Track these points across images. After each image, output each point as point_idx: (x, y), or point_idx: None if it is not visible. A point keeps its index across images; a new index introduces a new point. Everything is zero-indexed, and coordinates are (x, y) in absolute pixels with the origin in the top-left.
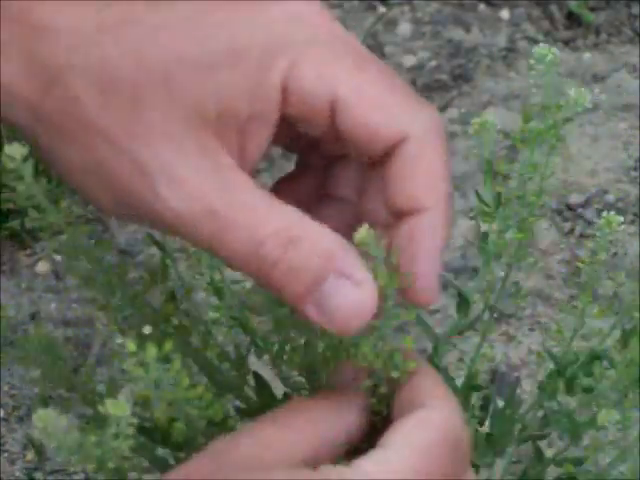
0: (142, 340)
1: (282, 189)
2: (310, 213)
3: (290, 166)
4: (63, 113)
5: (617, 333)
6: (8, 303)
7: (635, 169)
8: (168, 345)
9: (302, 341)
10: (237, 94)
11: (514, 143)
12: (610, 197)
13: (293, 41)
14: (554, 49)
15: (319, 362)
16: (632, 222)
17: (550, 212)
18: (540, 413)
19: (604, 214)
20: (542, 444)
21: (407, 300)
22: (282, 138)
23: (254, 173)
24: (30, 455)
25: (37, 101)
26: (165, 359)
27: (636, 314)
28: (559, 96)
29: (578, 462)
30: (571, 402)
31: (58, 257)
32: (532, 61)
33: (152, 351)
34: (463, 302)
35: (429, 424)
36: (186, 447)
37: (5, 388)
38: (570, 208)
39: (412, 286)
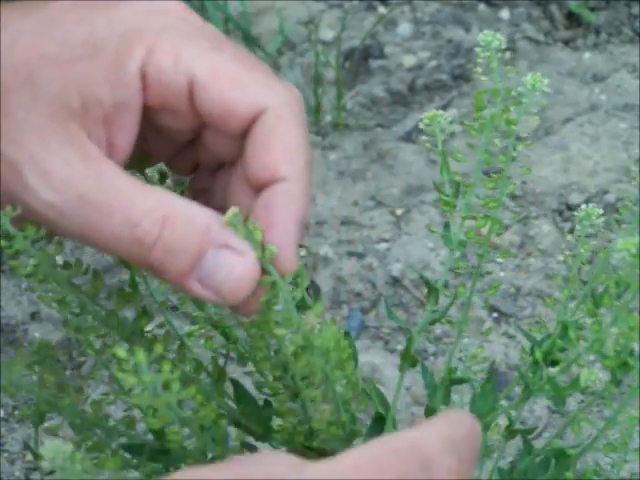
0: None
1: None
2: None
3: None
4: None
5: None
6: (8, 303)
7: (635, 169)
8: (158, 348)
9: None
10: (98, 84)
11: (470, 132)
12: (610, 197)
13: (149, 29)
14: (499, 35)
15: (290, 363)
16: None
17: (550, 212)
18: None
19: (583, 206)
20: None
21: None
22: (152, 148)
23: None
24: (30, 455)
25: None
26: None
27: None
28: (558, 95)
29: (565, 452)
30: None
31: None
32: (478, 49)
33: (142, 356)
34: (432, 292)
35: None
36: (180, 457)
37: None
38: (570, 208)
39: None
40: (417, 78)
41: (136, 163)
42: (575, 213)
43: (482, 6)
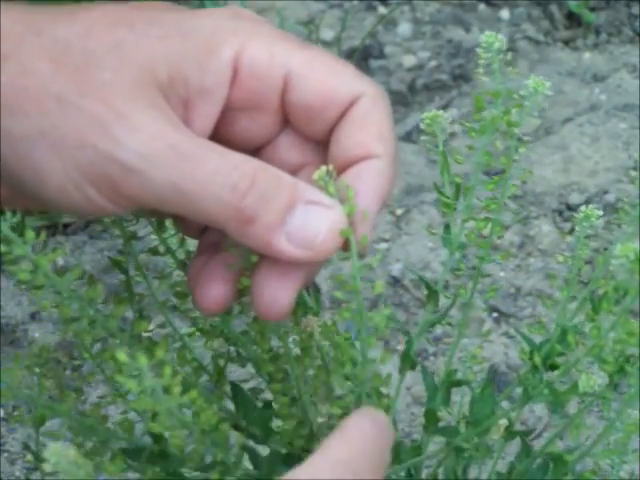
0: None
1: None
2: None
3: None
4: (15, 86)
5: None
6: (8, 303)
7: (635, 169)
8: (159, 353)
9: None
10: (187, 63)
11: (469, 133)
12: (610, 197)
13: (239, 27)
14: (501, 36)
15: (293, 364)
16: (632, 222)
17: (550, 212)
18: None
19: (583, 207)
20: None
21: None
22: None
23: None
24: (30, 455)
25: None
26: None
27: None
28: (558, 95)
29: (563, 457)
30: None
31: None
32: (480, 50)
33: (143, 360)
34: (432, 294)
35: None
36: (179, 461)
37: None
38: (570, 208)
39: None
40: (417, 78)
41: None
42: (575, 213)
43: (482, 6)
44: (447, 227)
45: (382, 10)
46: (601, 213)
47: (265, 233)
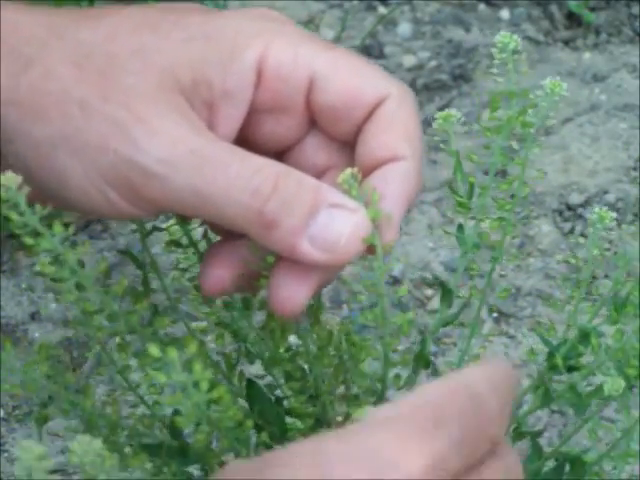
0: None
1: None
2: None
3: None
4: (39, 91)
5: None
6: (8, 303)
7: (635, 169)
8: (192, 347)
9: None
10: (211, 66)
11: (483, 133)
12: (610, 197)
13: (263, 29)
14: (516, 36)
15: (312, 364)
16: (632, 222)
17: (550, 212)
18: (538, 411)
19: (597, 208)
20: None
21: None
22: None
23: None
24: None
25: (11, 84)
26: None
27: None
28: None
29: (575, 458)
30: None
31: None
32: (494, 50)
33: (174, 354)
34: (446, 293)
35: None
36: (199, 457)
37: None
38: (570, 208)
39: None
40: (417, 78)
41: None
42: (576, 212)
43: (482, 6)
44: (460, 227)
45: (382, 10)
46: (614, 215)
47: (288, 237)
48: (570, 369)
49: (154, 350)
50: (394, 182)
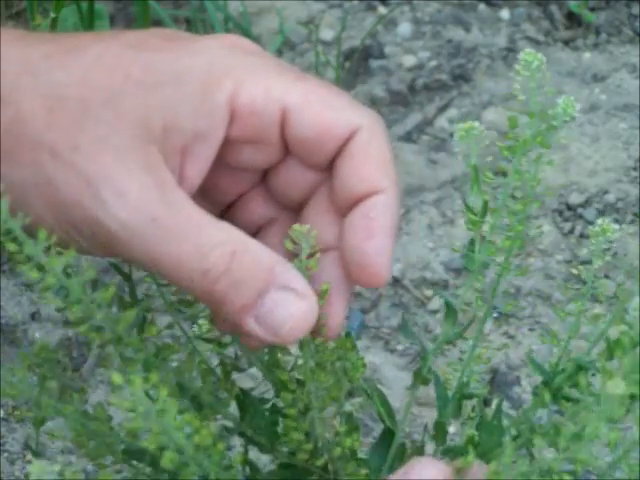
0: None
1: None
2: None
3: None
4: (11, 133)
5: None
6: (8, 303)
7: (635, 169)
8: (153, 377)
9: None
10: (181, 111)
11: (501, 152)
12: (610, 197)
13: (234, 64)
14: (540, 54)
15: (308, 377)
16: (632, 222)
17: (550, 212)
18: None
19: (599, 220)
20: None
21: (360, 281)
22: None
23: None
24: (30, 455)
25: None
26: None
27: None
28: (552, 98)
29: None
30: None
31: None
32: (518, 67)
33: (138, 383)
34: (450, 312)
35: None
36: (177, 474)
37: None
38: (570, 208)
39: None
40: (417, 78)
41: (200, 197)
42: (576, 212)
43: (482, 6)
44: (471, 243)
45: (382, 10)
46: (617, 227)
47: (235, 314)
48: (562, 398)
49: (117, 378)
50: (379, 217)
